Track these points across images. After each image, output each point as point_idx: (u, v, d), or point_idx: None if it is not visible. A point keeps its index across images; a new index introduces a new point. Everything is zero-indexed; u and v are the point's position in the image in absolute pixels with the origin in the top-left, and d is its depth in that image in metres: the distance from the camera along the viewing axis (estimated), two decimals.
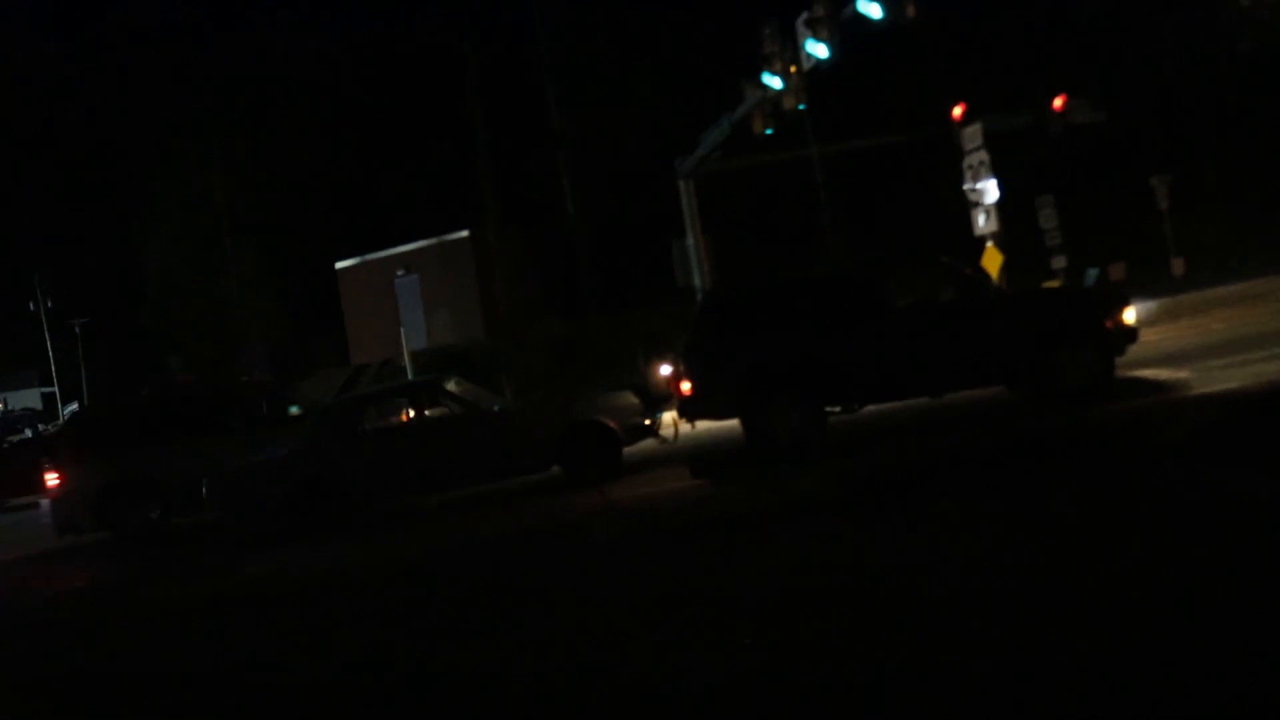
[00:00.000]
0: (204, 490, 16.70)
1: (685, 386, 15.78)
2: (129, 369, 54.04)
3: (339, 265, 45.90)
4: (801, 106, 24.23)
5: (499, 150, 38.73)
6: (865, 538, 9.76)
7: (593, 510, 13.54)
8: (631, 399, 16.51)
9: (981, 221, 25.89)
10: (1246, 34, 34.49)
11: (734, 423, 15.65)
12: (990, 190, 25.72)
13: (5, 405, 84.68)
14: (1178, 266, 31.41)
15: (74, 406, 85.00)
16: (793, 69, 23.24)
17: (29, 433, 65.96)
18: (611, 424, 16.02)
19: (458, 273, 42.72)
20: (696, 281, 29.93)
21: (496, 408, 17.23)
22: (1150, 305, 22.67)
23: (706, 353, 15.76)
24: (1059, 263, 28.74)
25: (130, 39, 78.43)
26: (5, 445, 60.31)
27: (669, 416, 17.00)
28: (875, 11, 20.24)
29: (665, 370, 18.16)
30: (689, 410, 15.99)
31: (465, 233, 42.23)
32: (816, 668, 6.79)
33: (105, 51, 79.93)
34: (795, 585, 8.58)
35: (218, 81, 52.15)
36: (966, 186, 26.39)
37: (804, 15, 22.14)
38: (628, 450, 16.28)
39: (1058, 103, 28.99)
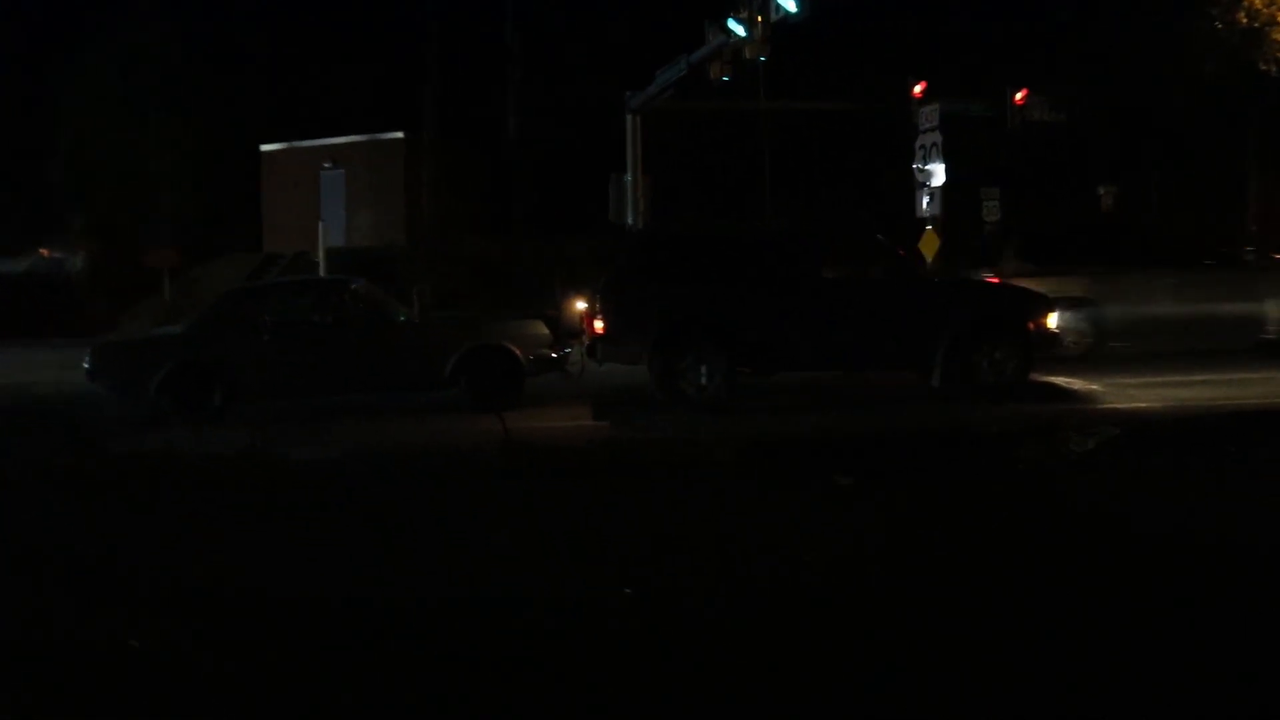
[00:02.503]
0: (88, 359, 16.55)
1: (598, 325, 15.88)
2: (27, 222, 52.88)
3: (264, 148, 45.33)
4: (762, 59, 24.19)
5: (447, 55, 38.33)
6: (741, 496, 9.87)
7: (488, 437, 13.58)
8: (542, 329, 16.56)
9: (925, 204, 26.15)
10: (1214, 57, 34.87)
11: (642, 369, 15.78)
12: (938, 173, 25.98)
13: None
14: None
15: None
16: (759, 18, 23.19)
17: None
18: (518, 351, 16.08)
19: (387, 174, 42.41)
20: (629, 219, 29.90)
21: (403, 318, 17.23)
22: (1085, 312, 22.97)
23: (625, 294, 15.84)
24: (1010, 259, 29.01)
25: None
26: None
27: (578, 352, 17.08)
28: None
29: (581, 305, 18.22)
30: (599, 350, 16.08)
31: (400, 134, 41.90)
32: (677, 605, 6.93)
33: None
34: (669, 533, 8.67)
35: None
36: (916, 166, 26.62)
37: None
38: (531, 381, 16.36)
39: (1019, 96, 29.33)
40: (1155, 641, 6.22)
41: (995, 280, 18.49)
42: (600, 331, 15.87)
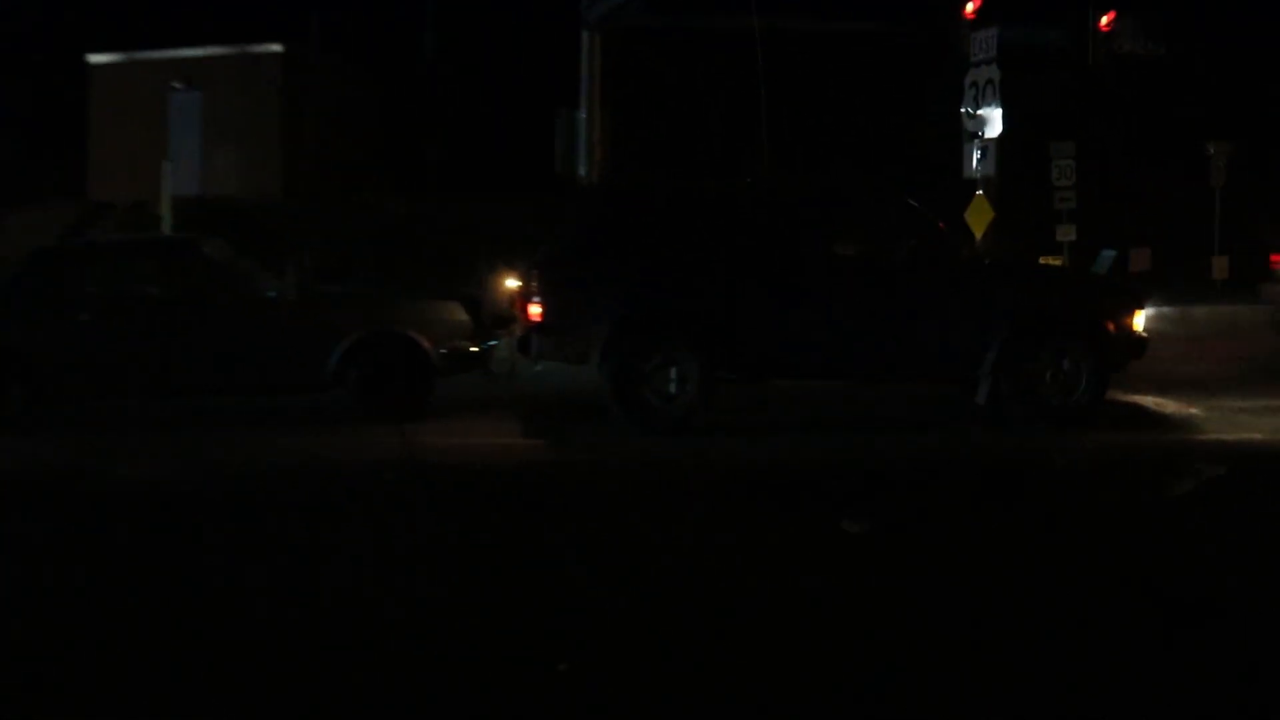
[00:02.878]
0: None
1: (536, 312, 15.77)
2: None
3: (92, 59, 44.91)
4: None
5: None
6: (719, 552, 9.87)
7: (385, 458, 13.56)
8: (459, 314, 16.44)
9: (975, 160, 26.20)
10: None
11: (592, 371, 15.73)
12: (994, 121, 26.03)
13: None
14: (1219, 267, 32.00)
15: None
16: None
17: None
18: (426, 342, 15.97)
19: (259, 101, 42.12)
20: (582, 171, 29.87)
21: (273, 294, 17.10)
22: (1171, 311, 23.10)
23: (572, 272, 15.80)
24: (1066, 234, 29.14)
25: None
26: None
27: (506, 346, 17.04)
28: None
29: (513, 285, 18.16)
30: (535, 345, 15.96)
31: (278, 47, 41.64)
32: None
33: None
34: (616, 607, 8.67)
35: None
36: (964, 110, 26.65)
37: None
38: (444, 382, 16.32)
39: (1105, 20, 29.35)
40: None
41: (1059, 264, 18.54)
42: (537, 320, 15.76)
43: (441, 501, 11.61)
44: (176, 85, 42.93)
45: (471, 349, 16.34)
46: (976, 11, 27.48)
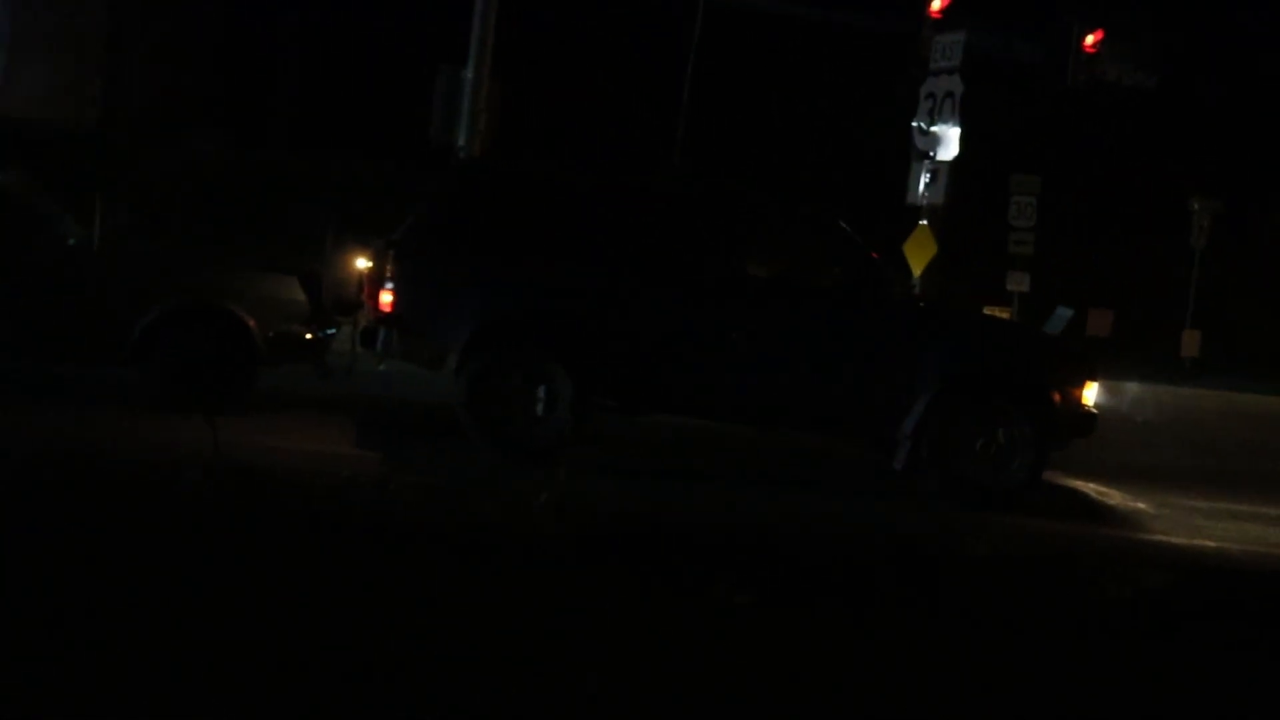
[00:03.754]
0: None
1: (387, 301, 15.72)
2: None
3: None
4: None
5: None
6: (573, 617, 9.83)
7: (186, 451, 13.43)
8: (295, 292, 16.32)
9: (923, 184, 26.33)
10: None
11: (447, 377, 15.74)
12: (949, 141, 26.18)
13: None
14: (1190, 343, 32.33)
15: None
16: None
17: None
18: (250, 321, 15.86)
19: (77, 14, 41.82)
20: (461, 141, 29.80)
21: (73, 242, 16.96)
22: (1130, 386, 23.39)
23: (432, 260, 15.81)
24: (1018, 283, 29.39)
25: None
26: None
27: (348, 337, 16.98)
28: None
29: (363, 264, 18.08)
30: (383, 339, 15.90)
31: None
32: None
33: None
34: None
35: None
36: (917, 124, 26.80)
37: None
38: (267, 371, 16.22)
39: (1090, 39, 29.59)
40: None
41: (1006, 317, 18.67)
42: (388, 311, 15.71)
43: (245, 512, 11.53)
44: None
45: (305, 335, 16.22)
46: (943, 11, 27.66)
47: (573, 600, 10.11)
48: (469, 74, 29.64)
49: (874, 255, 16.52)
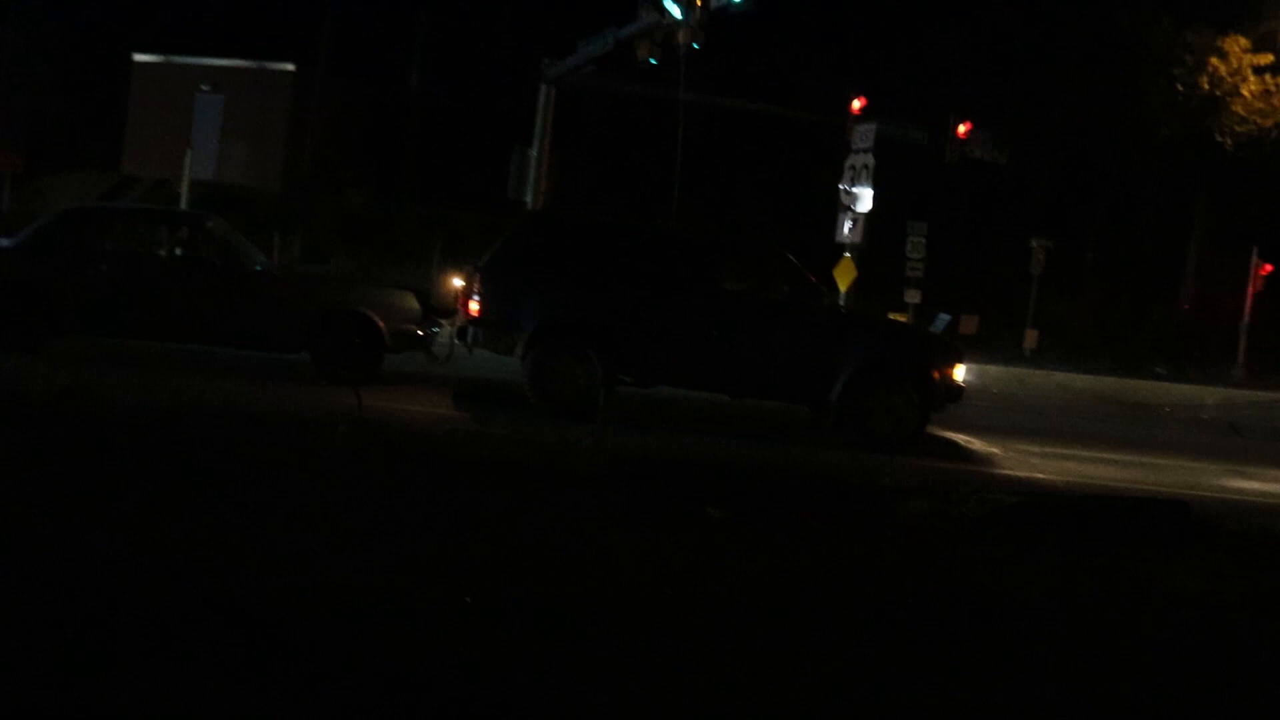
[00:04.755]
0: None
1: (474, 307, 15.73)
2: None
3: (137, 58, 44.42)
4: (695, 46, 24.21)
5: None
6: (602, 518, 9.85)
7: (341, 412, 13.41)
8: (411, 302, 16.29)
9: (847, 229, 26.31)
10: (1171, 120, 35.19)
11: (515, 361, 15.71)
12: (865, 198, 26.14)
13: None
14: (1030, 339, 32.32)
15: None
16: (698, 2, 23.22)
17: None
18: (380, 322, 15.85)
19: (270, 108, 41.79)
20: (529, 198, 29.76)
21: (259, 267, 16.93)
22: (989, 369, 23.34)
23: (506, 278, 15.73)
24: (912, 297, 29.35)
25: None
26: None
27: (448, 334, 16.92)
28: None
29: (459, 283, 18.06)
30: (471, 334, 15.92)
31: (290, 66, 41.36)
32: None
33: None
34: (518, 544, 8.65)
35: None
36: (842, 186, 26.76)
37: None
38: (392, 359, 16.18)
39: (962, 128, 29.59)
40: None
41: (903, 320, 18.62)
42: (475, 314, 15.72)
43: (381, 451, 11.54)
44: (204, 88, 42.50)
45: (418, 332, 16.20)
46: (862, 109, 27.66)
47: (607, 507, 10.22)
48: (533, 152, 29.61)
49: (811, 277, 16.50)
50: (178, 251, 16.45)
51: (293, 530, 8.58)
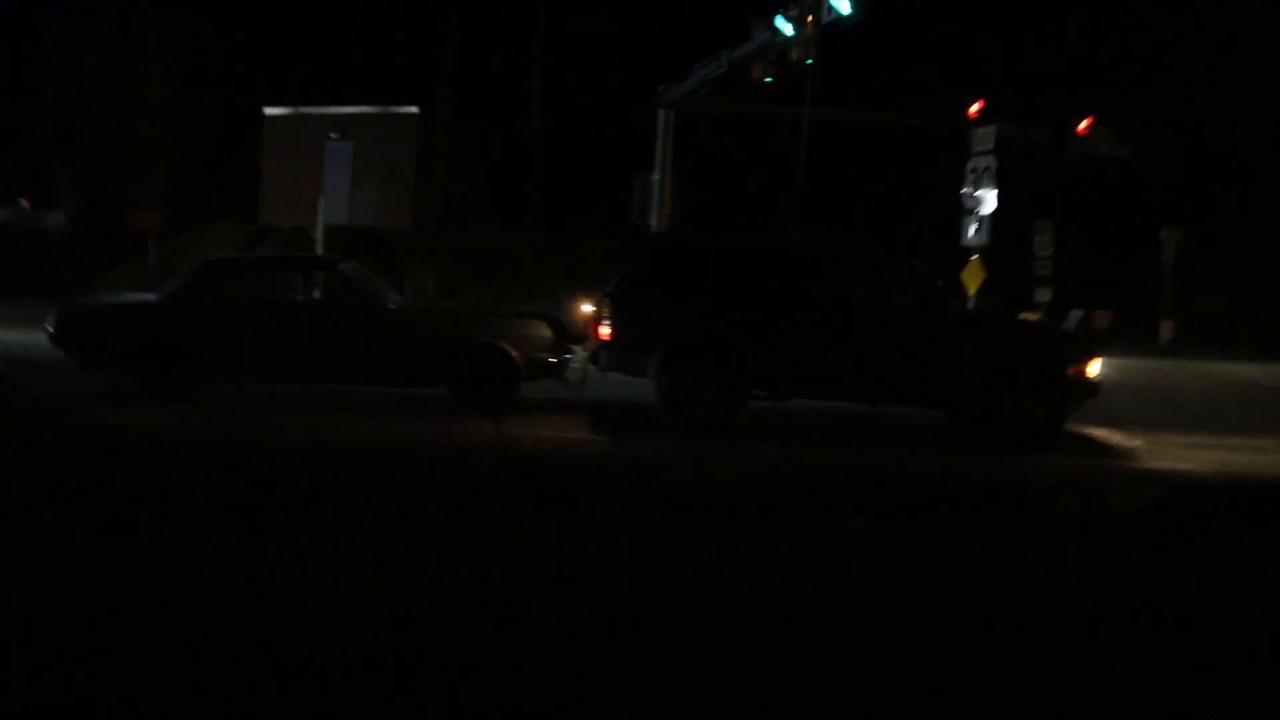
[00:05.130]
0: (52, 321, 16.45)
1: (605, 332, 15.72)
2: (7, 171, 52.98)
3: (268, 111, 45.23)
4: (809, 62, 24.18)
5: (469, 26, 38.26)
6: (742, 536, 9.79)
7: (480, 443, 13.51)
8: (543, 330, 16.33)
9: (972, 231, 26.09)
10: None
11: (648, 383, 15.65)
12: (989, 200, 25.92)
13: None
14: (1167, 330, 31.72)
15: None
16: (809, 18, 23.17)
17: None
18: (514, 353, 15.89)
19: (397, 151, 42.30)
20: (653, 222, 29.84)
21: (393, 306, 17.10)
22: (1124, 362, 22.82)
23: (636, 302, 15.68)
24: (1043, 296, 29.00)
25: None
26: None
27: (581, 359, 16.94)
28: None
29: (587, 309, 18.10)
30: (604, 359, 15.92)
31: (414, 109, 41.82)
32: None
33: None
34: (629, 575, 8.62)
35: None
36: (965, 190, 26.57)
37: None
38: (527, 385, 16.20)
39: (1083, 125, 29.21)
40: None
41: (1035, 319, 18.29)
42: (606, 339, 15.72)
43: (522, 477, 11.61)
44: (333, 136, 43.10)
45: (550, 360, 16.22)
46: (980, 112, 27.37)
47: (745, 515, 10.28)
48: (655, 177, 29.73)
49: (938, 282, 16.30)
50: (314, 295, 16.65)
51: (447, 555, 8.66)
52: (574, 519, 10.17)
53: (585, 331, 17.34)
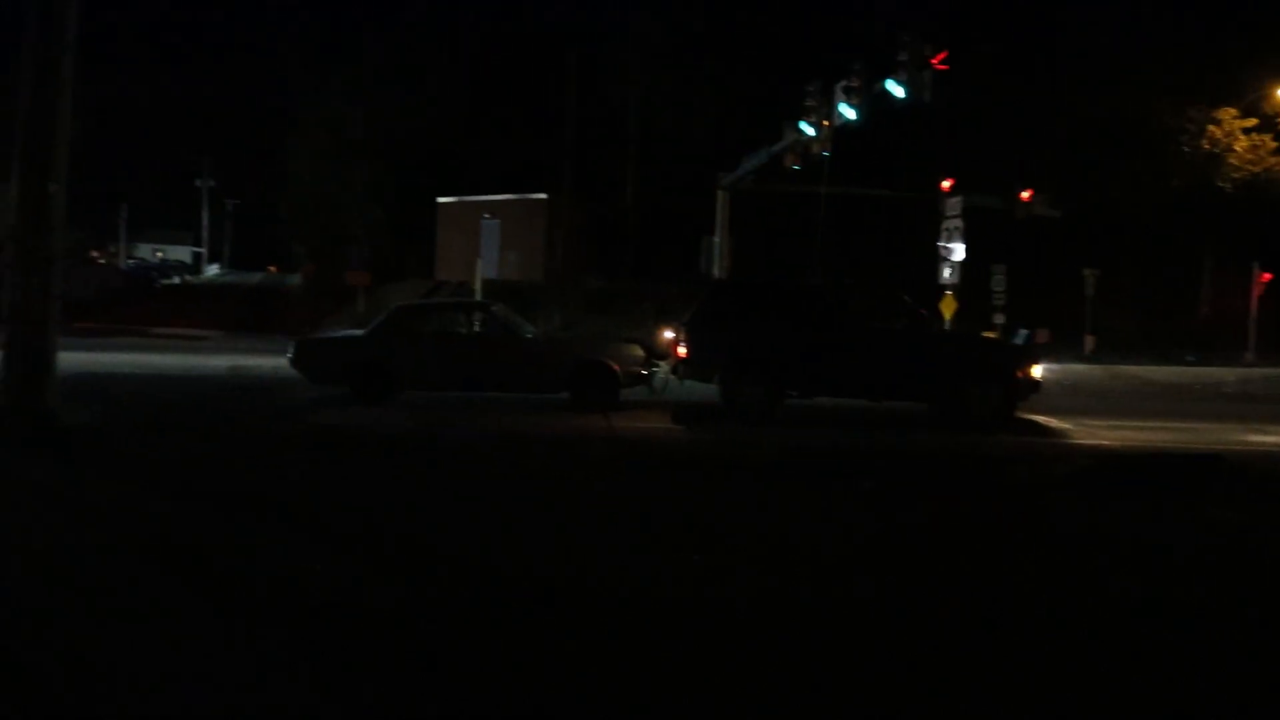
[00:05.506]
0: (290, 350, 16.69)
1: (682, 351, 15.76)
2: (261, 246, 54.03)
3: (440, 200, 45.80)
4: (826, 154, 24.11)
5: (583, 141, 38.48)
6: (768, 492, 9.74)
7: (597, 431, 13.53)
8: (637, 351, 16.32)
9: (946, 274, 25.83)
10: (1182, 174, 34.44)
11: (714, 386, 15.65)
12: (958, 251, 25.67)
13: (164, 256, 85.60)
14: (1089, 343, 31.17)
15: (215, 267, 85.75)
16: (825, 122, 23.08)
17: (178, 279, 66.74)
18: (616, 367, 15.90)
19: (531, 225, 42.67)
20: (715, 271, 29.75)
21: (529, 335, 17.16)
22: (1063, 368, 22.50)
23: (703, 329, 15.68)
24: (999, 319, 28.63)
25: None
26: (158, 285, 60.95)
27: (664, 371, 16.90)
28: (899, 92, 20.13)
29: (669, 335, 18.07)
30: (682, 371, 15.94)
31: (544, 196, 42.16)
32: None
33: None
34: (724, 519, 8.56)
35: (364, 37, 52.11)
36: (940, 244, 26.28)
37: (842, 83, 22.05)
38: (626, 391, 16.17)
39: (1025, 194, 28.90)
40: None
41: (993, 336, 18.01)
42: (683, 356, 15.75)
43: (624, 456, 11.63)
44: (486, 215, 43.50)
45: (642, 372, 16.18)
46: (950, 187, 27.14)
47: (781, 484, 10.14)
48: (716, 239, 29.61)
49: (922, 311, 16.12)
50: (474, 329, 16.75)
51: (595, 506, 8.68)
52: (677, 483, 10.19)
53: (667, 351, 17.31)
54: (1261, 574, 7.48)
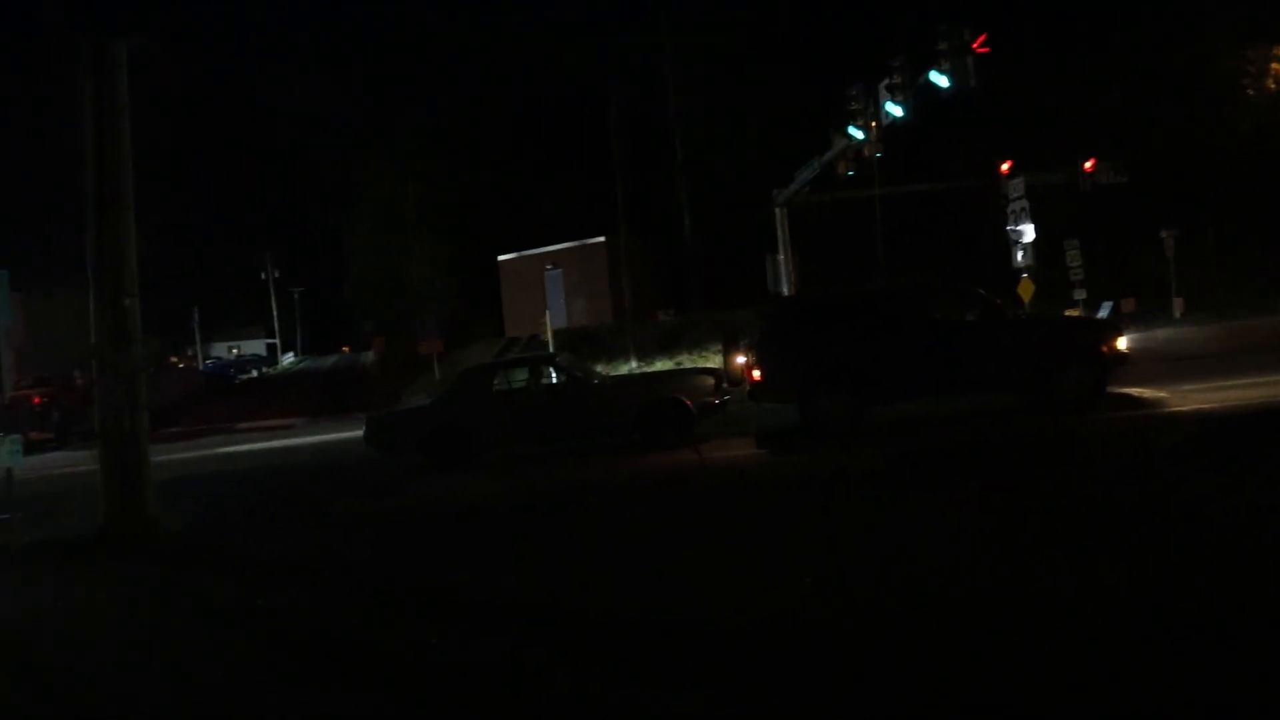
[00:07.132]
0: (364, 429, 16.95)
1: (756, 374, 15.62)
2: (332, 329, 55.16)
3: (501, 258, 46.38)
4: (879, 155, 23.99)
5: (633, 178, 38.69)
6: (888, 506, 9.62)
7: (690, 466, 13.53)
8: (708, 381, 16.24)
9: (1020, 257, 25.53)
10: (1248, 115, 33.55)
11: (791, 407, 15.47)
12: (1028, 232, 25.37)
13: (239, 352, 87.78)
14: (1178, 307, 30.38)
15: (291, 356, 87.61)
16: (873, 124, 22.98)
17: (255, 373, 68.13)
18: (688, 401, 15.83)
19: (593, 270, 42.98)
20: (785, 289, 29.62)
21: (596, 381, 17.17)
22: (1152, 335, 22.00)
23: (776, 349, 15.58)
24: (1080, 295, 28.08)
25: (343, 71, 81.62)
26: (237, 381, 62.37)
27: (738, 398, 16.75)
28: (943, 81, 19.99)
29: (741, 360, 17.99)
30: (758, 393, 15.77)
31: (602, 239, 42.46)
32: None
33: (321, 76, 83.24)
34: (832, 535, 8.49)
35: (415, 110, 53.10)
36: (1009, 228, 25.97)
37: (885, 81, 21.96)
38: (702, 423, 16.01)
39: (1088, 165, 28.44)
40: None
41: (1075, 314, 17.65)
42: (758, 379, 15.60)
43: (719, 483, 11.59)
44: (548, 267, 43.93)
45: (715, 402, 16.09)
46: (1009, 169, 26.82)
47: (871, 487, 10.23)
48: (780, 257, 29.48)
49: (997, 300, 15.81)
50: (541, 381, 16.80)
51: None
52: (800, 504, 10.17)
53: (742, 376, 17.20)
54: None
